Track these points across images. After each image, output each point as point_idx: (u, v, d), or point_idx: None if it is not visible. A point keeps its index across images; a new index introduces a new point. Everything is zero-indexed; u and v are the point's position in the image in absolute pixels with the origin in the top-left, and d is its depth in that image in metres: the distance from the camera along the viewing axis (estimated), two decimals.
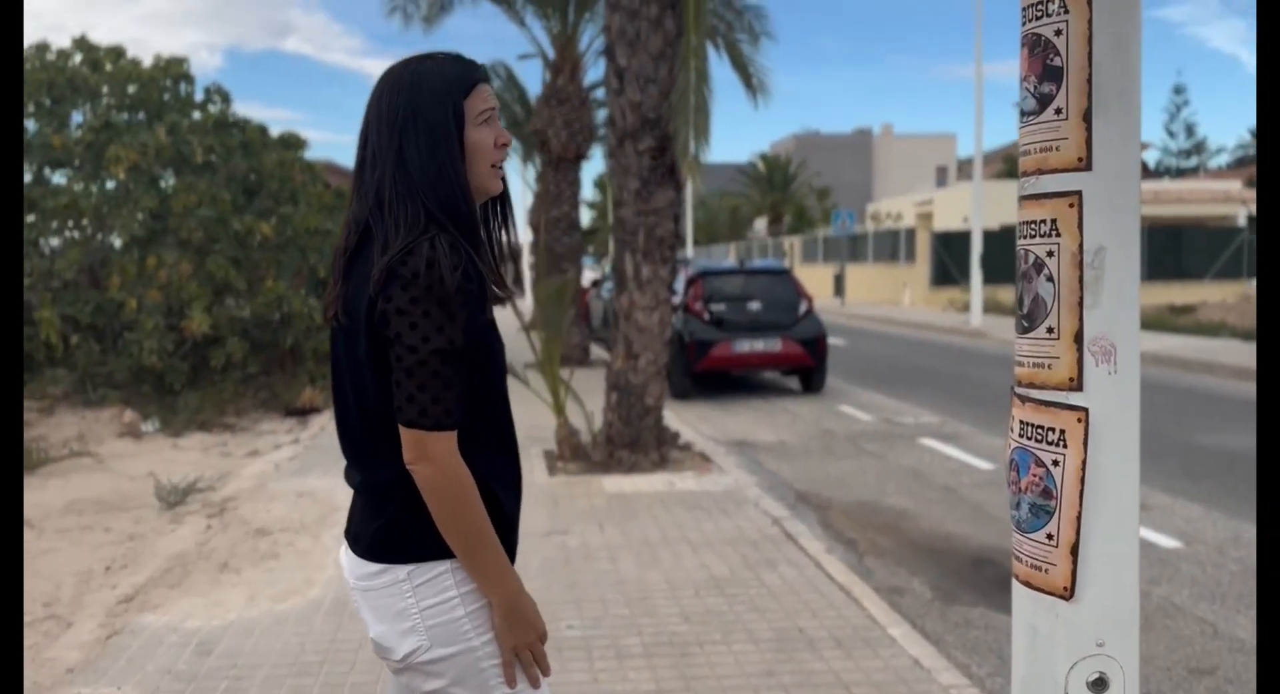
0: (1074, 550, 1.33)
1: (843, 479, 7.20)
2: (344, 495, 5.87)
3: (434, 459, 1.50)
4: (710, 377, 11.69)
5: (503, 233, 1.72)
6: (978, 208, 19.64)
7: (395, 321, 1.47)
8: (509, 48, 28.21)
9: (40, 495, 6.55)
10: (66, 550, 5.23)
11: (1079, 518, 1.32)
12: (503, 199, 1.70)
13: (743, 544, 5.13)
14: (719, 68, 18.99)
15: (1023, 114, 1.37)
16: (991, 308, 21.09)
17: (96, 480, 6.98)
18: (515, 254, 1.87)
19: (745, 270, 12.01)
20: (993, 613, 4.49)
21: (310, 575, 4.60)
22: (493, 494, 1.60)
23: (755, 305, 11.31)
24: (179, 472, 7.16)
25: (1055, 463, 1.34)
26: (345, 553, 1.66)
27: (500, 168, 1.63)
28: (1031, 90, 1.35)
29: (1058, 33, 1.30)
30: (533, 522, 5.54)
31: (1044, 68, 1.33)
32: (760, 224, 52.84)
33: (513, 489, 1.68)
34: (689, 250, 42.63)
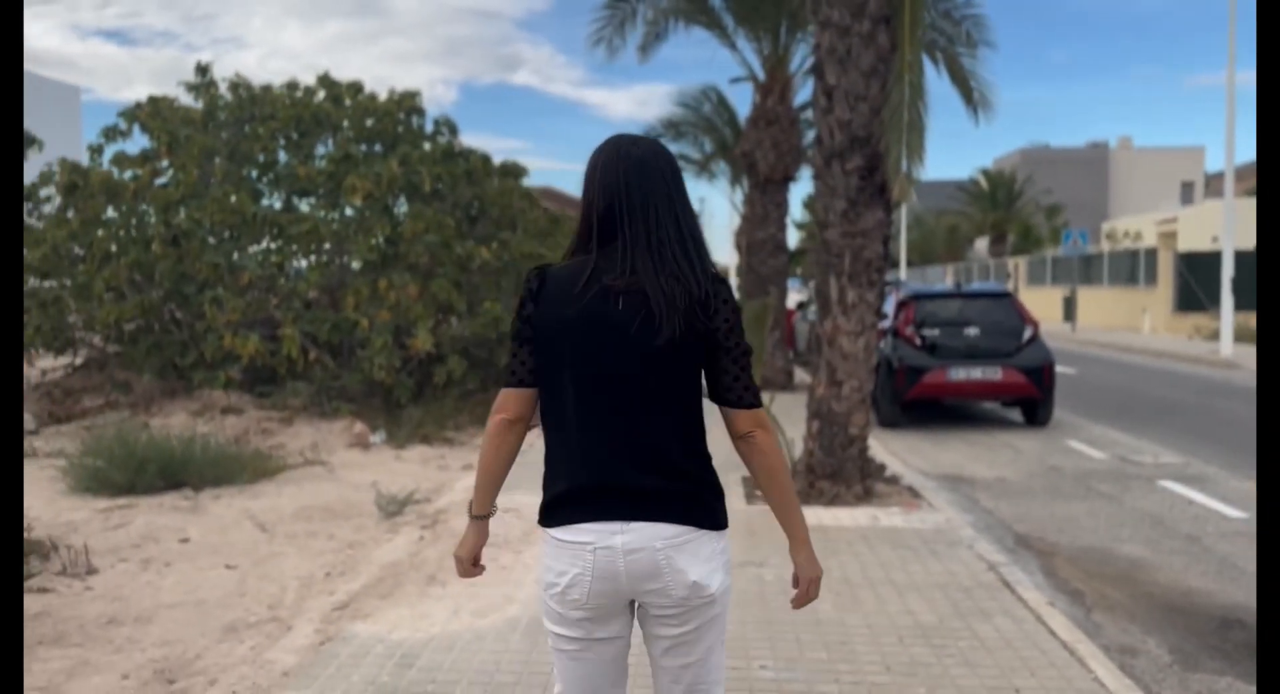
0: None
1: (1070, 522, 6.64)
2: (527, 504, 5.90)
3: (768, 428, 2.08)
4: (921, 406, 11.17)
5: None
6: (1230, 227, 17.87)
7: (730, 332, 2.02)
8: (716, 71, 28.43)
9: (275, 501, 7.06)
10: (292, 556, 5.59)
11: None
12: None
13: (954, 590, 4.79)
14: (936, 82, 18.31)
15: None
16: (1244, 336, 19.09)
17: (325, 488, 7.46)
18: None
19: (962, 293, 11.42)
20: (1242, 684, 3.97)
21: (510, 593, 4.68)
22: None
23: (973, 331, 10.72)
24: (399, 483, 7.54)
25: None
26: (633, 527, 1.96)
27: None
28: None
29: None
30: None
31: None
32: (981, 244, 50.49)
33: None
34: (902, 271, 41.35)
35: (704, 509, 2.00)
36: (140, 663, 3.95)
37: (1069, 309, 28.21)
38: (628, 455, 1.96)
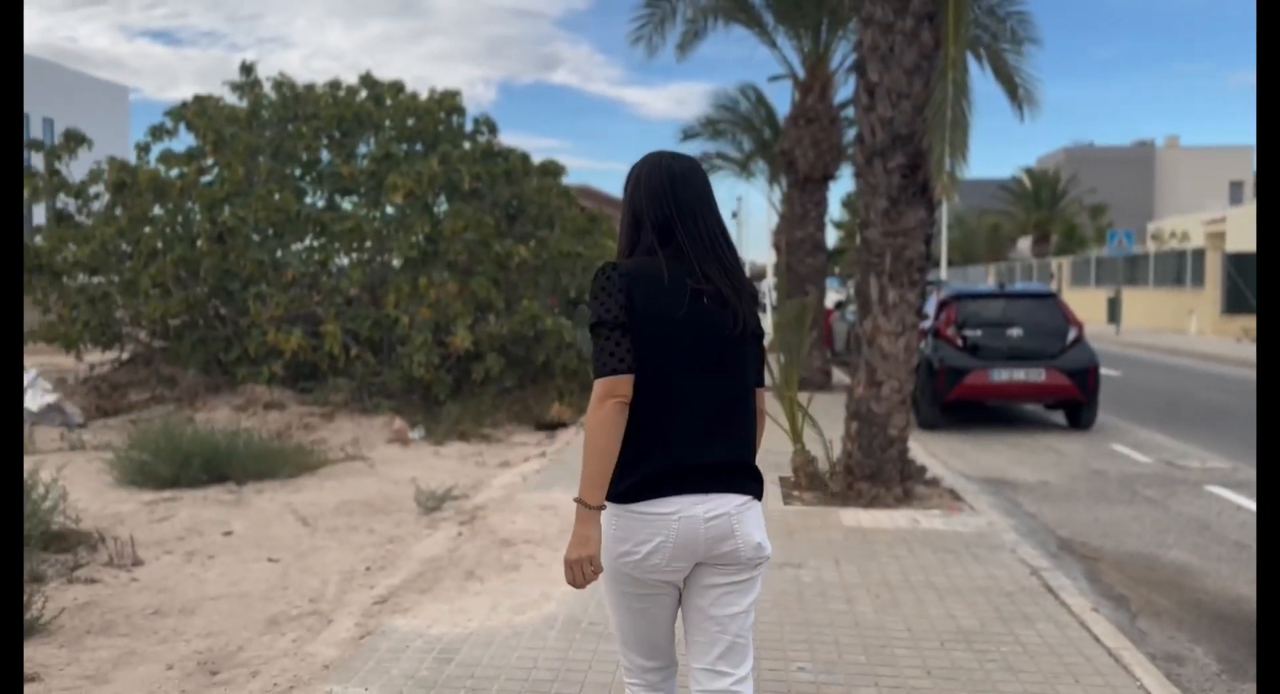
0: None
1: (1114, 527, 6.53)
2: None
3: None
4: (961, 407, 11.04)
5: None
6: None
7: (758, 322, 2.31)
8: (753, 70, 28.36)
9: (317, 495, 7.14)
10: (334, 549, 5.65)
11: None
12: None
13: (996, 594, 4.73)
14: (979, 79, 18.10)
15: None
16: None
17: (366, 483, 7.53)
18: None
19: (1005, 293, 11.27)
20: None
21: (547, 590, 4.69)
22: None
23: (1016, 331, 10.58)
24: (437, 479, 7.60)
25: None
26: (702, 499, 2.18)
27: None
28: None
29: None
30: None
31: None
32: (1024, 244, 49.85)
33: None
34: (943, 271, 40.89)
35: (757, 482, 2.29)
36: (184, 654, 4.01)
37: (1113, 310, 27.75)
38: (722, 434, 2.22)
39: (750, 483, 2.25)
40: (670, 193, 2.27)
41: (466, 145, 12.42)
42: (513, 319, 11.28)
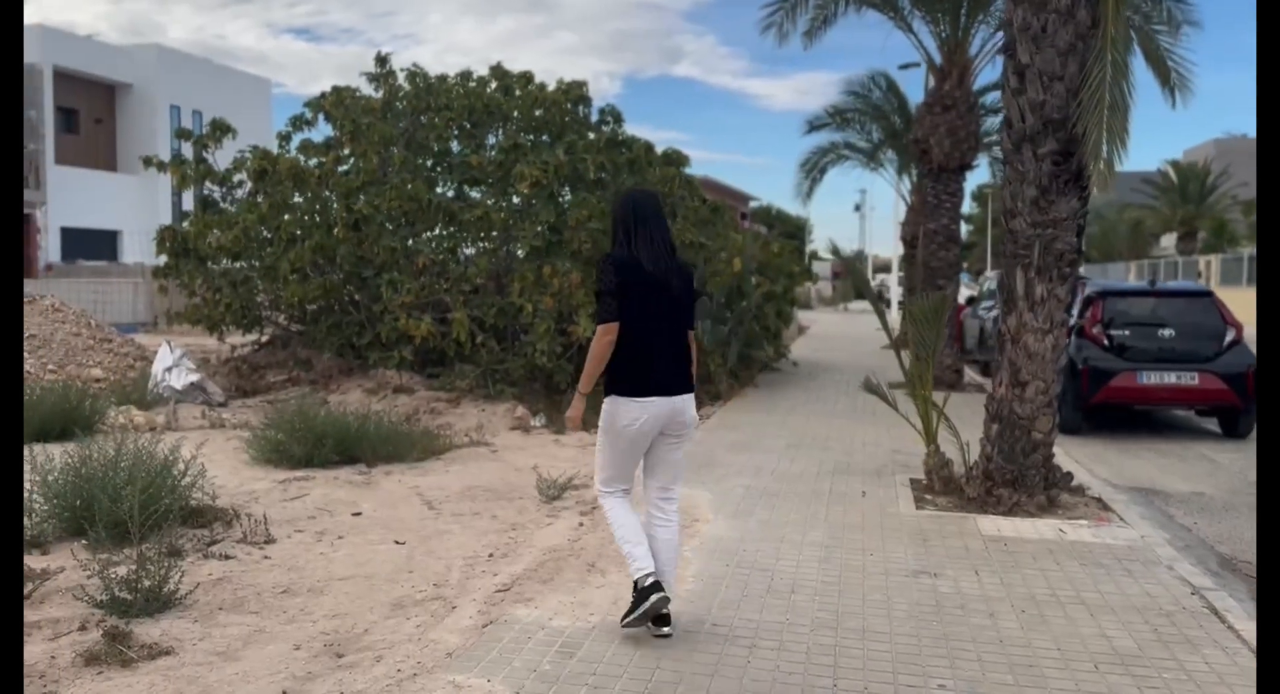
0: None
1: None
2: (704, 504, 5.76)
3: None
4: (1104, 411, 10.42)
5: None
6: None
7: (694, 291, 3.98)
8: (880, 58, 27.59)
9: (442, 478, 7.21)
10: (458, 534, 5.66)
11: None
12: None
13: (1153, 614, 4.37)
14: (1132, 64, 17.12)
15: None
16: None
17: (489, 469, 7.56)
18: None
19: (1157, 291, 10.57)
20: None
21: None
22: None
23: (1167, 332, 9.91)
24: (558, 467, 7.58)
25: None
26: (665, 398, 3.87)
27: None
28: None
29: None
30: (898, 558, 5.15)
31: None
32: (1168, 240, 47.22)
33: None
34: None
35: (692, 385, 3.97)
36: (311, 634, 4.04)
37: None
38: (672, 358, 3.91)
39: (689, 385, 3.96)
40: (634, 213, 3.92)
41: (592, 135, 12.38)
42: None
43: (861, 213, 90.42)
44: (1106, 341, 9.88)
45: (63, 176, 32.55)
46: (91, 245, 33.71)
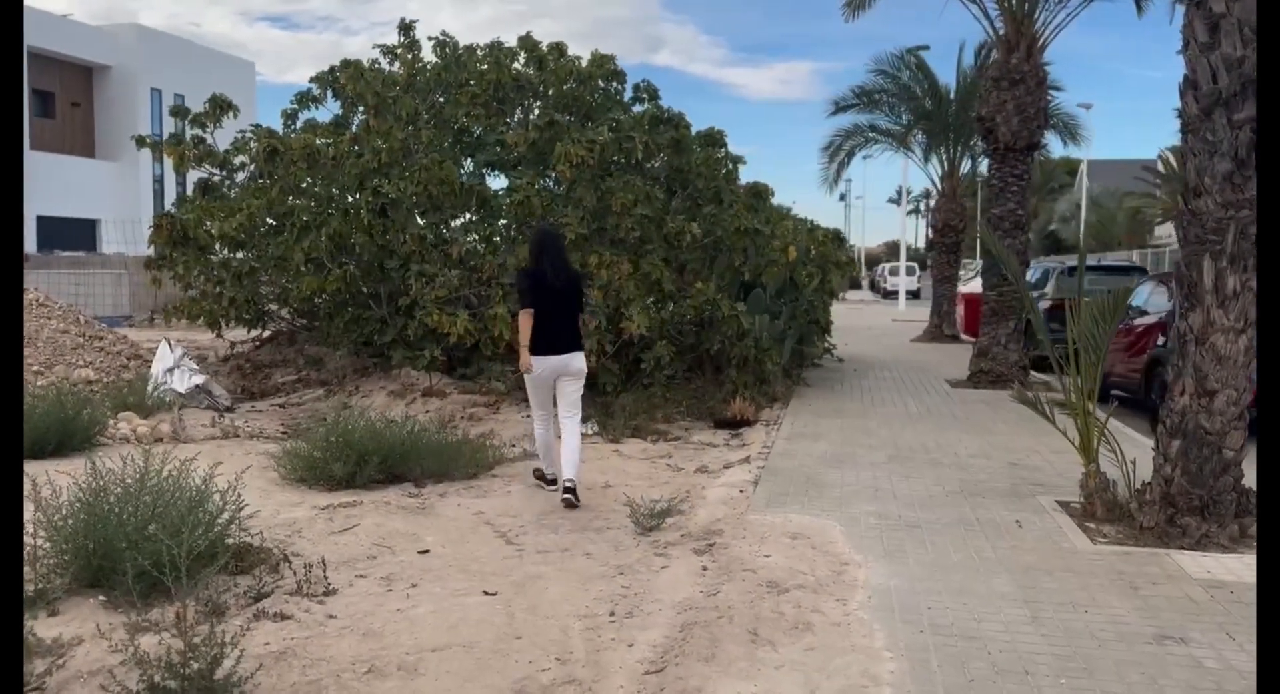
0: None
1: None
2: (840, 539, 4.70)
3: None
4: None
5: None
6: None
7: (582, 291, 6.57)
8: (880, 45, 26.62)
9: (505, 501, 6.20)
10: (555, 580, 4.64)
11: None
12: None
13: None
14: (1121, 47, 16.25)
15: None
16: None
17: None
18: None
19: None
20: None
21: (869, 668, 3.55)
22: None
23: None
24: (633, 485, 6.60)
25: None
26: (558, 356, 6.20)
27: None
28: None
29: None
30: (1121, 615, 4.15)
31: None
32: (1165, 229, 46.56)
33: None
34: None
35: (580, 346, 6.32)
36: None
37: None
38: (565, 330, 6.19)
39: (578, 346, 6.25)
40: (541, 245, 6.32)
41: (636, 109, 11.32)
42: (684, 303, 10.20)
43: (846, 202, 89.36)
44: None
45: (38, 163, 31.08)
46: (69, 235, 32.27)
